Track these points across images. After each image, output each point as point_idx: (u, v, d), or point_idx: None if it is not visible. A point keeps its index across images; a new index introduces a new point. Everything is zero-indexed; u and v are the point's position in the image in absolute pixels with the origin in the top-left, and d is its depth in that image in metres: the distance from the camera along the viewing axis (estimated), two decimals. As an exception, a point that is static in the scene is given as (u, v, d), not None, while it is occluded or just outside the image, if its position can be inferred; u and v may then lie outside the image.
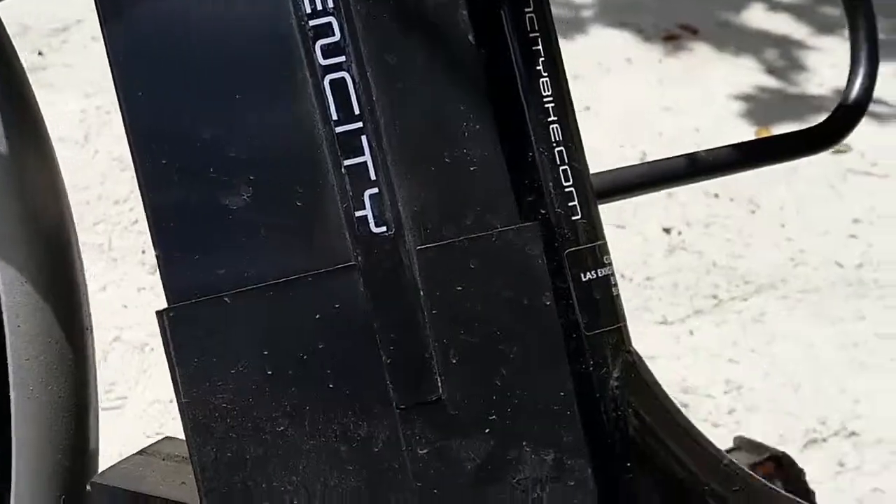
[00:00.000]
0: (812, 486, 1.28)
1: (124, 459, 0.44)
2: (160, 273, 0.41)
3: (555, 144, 0.47)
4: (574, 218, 0.47)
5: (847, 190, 1.98)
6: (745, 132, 2.11)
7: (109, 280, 1.59)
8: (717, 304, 1.63)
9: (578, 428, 0.42)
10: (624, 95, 2.15)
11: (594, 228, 0.48)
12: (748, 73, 2.32)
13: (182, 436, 0.46)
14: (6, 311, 0.43)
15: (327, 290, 0.41)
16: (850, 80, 0.61)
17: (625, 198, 0.56)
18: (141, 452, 0.46)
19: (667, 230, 1.79)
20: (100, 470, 0.45)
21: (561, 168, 0.47)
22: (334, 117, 0.41)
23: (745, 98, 2.23)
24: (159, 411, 1.36)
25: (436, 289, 0.41)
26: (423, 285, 0.41)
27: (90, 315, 0.46)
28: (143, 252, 1.65)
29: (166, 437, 0.51)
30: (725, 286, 1.67)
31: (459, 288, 0.42)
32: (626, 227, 1.70)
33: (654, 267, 1.70)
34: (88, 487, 0.40)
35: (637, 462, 0.45)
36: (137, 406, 1.37)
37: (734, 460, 0.48)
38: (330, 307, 0.41)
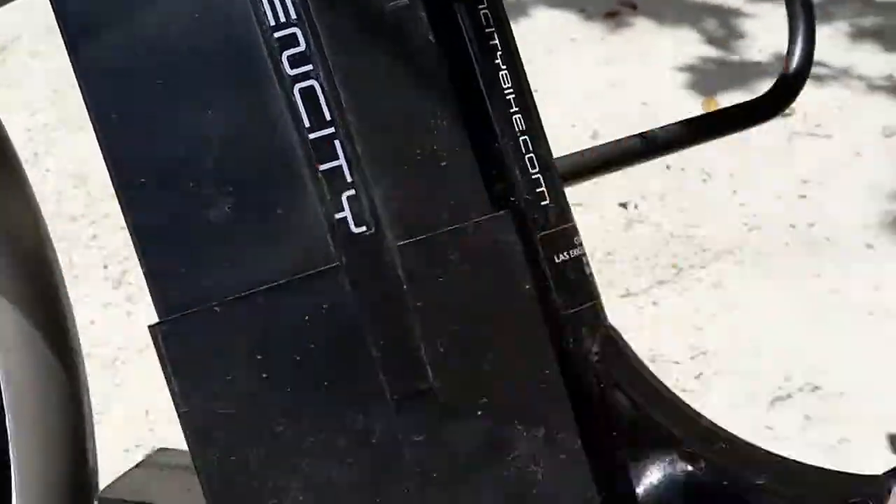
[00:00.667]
0: (782, 440, 1.33)
1: (124, 474, 0.45)
2: (149, 288, 0.42)
3: (519, 134, 0.49)
4: (543, 203, 0.48)
5: (794, 152, 2.03)
6: (692, 103, 2.15)
7: (74, 298, 1.57)
8: (677, 273, 1.67)
9: (566, 403, 0.44)
10: (571, 75, 2.18)
11: (563, 212, 0.49)
12: (690, 45, 2.36)
13: (173, 445, 0.47)
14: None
15: (314, 293, 0.42)
16: (790, 50, 0.63)
17: (588, 179, 0.58)
18: (139, 466, 0.47)
19: (623, 205, 1.82)
20: (101, 486, 0.46)
21: (527, 157, 0.49)
22: (306, 124, 0.42)
23: (689, 69, 2.27)
24: (135, 426, 1.36)
25: (419, 282, 0.43)
26: (407, 280, 0.43)
27: (78, 334, 0.46)
28: (105, 267, 1.65)
29: (160, 449, 0.52)
30: (684, 255, 1.71)
31: (441, 279, 0.43)
32: (583, 204, 1.73)
33: (614, 241, 1.73)
34: (96, 503, 0.41)
35: (623, 431, 0.47)
36: (113, 421, 1.36)
37: (712, 421, 0.50)
38: (318, 308, 0.42)
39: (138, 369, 1.46)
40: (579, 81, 2.15)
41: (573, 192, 0.52)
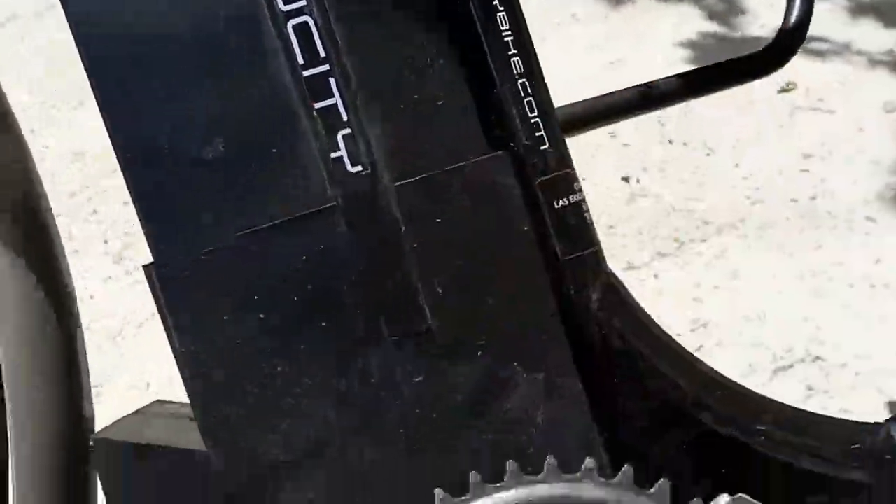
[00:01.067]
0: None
1: (120, 419, 0.45)
2: (143, 229, 0.41)
3: (517, 77, 0.48)
4: (542, 148, 0.48)
5: (796, 127, 2.02)
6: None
7: (75, 273, 1.57)
8: (679, 246, 1.66)
9: (566, 347, 0.43)
10: (572, 52, 2.17)
11: (562, 157, 0.49)
12: (691, 21, 2.35)
13: (170, 398, 0.46)
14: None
15: (310, 233, 0.42)
16: (789, 5, 0.62)
17: (585, 131, 0.57)
18: (136, 413, 0.47)
19: (625, 179, 1.81)
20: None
21: (525, 100, 0.48)
22: (300, 61, 0.42)
23: (690, 45, 2.26)
24: (137, 396, 1.36)
25: (416, 222, 0.42)
26: (403, 220, 0.42)
27: (71, 277, 0.46)
28: (106, 242, 1.64)
29: (157, 401, 0.51)
30: (686, 228, 1.71)
31: (438, 220, 0.43)
32: (585, 178, 1.73)
33: (616, 215, 1.72)
34: (91, 444, 0.41)
35: (625, 380, 0.47)
36: (115, 393, 1.36)
37: (714, 369, 0.50)
38: (315, 249, 0.42)
39: (140, 342, 1.46)
40: (580, 58, 2.14)
41: (575, 167, 0.52)
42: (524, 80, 0.48)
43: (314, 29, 0.42)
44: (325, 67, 0.42)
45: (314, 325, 0.42)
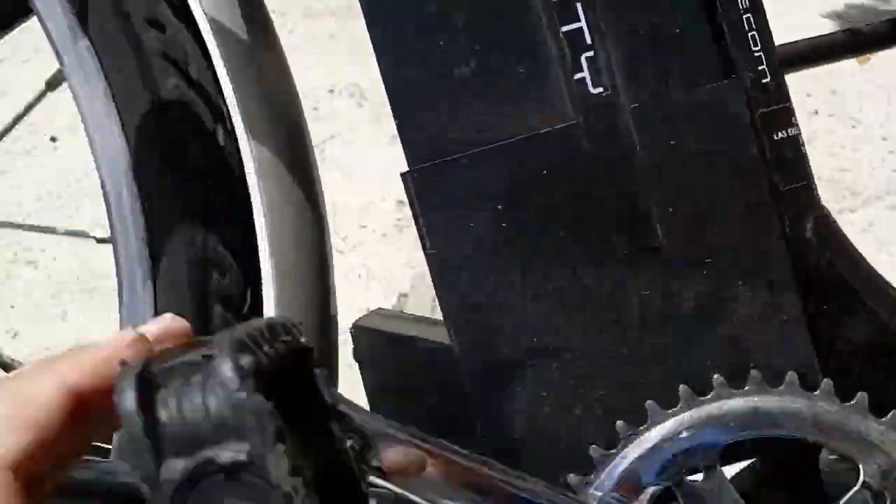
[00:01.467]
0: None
1: (362, 317, 0.49)
2: (401, 140, 0.45)
3: (742, 12, 0.50)
4: (764, 81, 0.49)
5: (949, 101, 1.94)
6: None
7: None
8: (823, 217, 1.63)
9: (788, 267, 0.45)
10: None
11: (782, 91, 0.50)
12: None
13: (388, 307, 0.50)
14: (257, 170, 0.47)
15: (553, 148, 0.45)
16: None
17: (800, 69, 0.58)
18: (370, 314, 0.51)
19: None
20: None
21: (749, 34, 0.50)
22: (550, -11, 0.45)
23: (836, 17, 2.19)
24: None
25: (651, 143, 0.45)
26: (640, 141, 0.45)
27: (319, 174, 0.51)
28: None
29: (378, 308, 0.56)
30: (833, 199, 1.67)
31: (673, 142, 0.45)
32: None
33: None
34: (352, 330, 0.45)
35: (837, 307, 0.49)
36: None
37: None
38: (556, 163, 0.45)
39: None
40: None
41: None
42: (748, 14, 0.50)
43: (566, -42, 0.45)
44: (574, -6, 0.45)
45: (552, 236, 0.45)
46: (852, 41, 0.59)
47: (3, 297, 1.34)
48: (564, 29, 0.45)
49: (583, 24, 0.45)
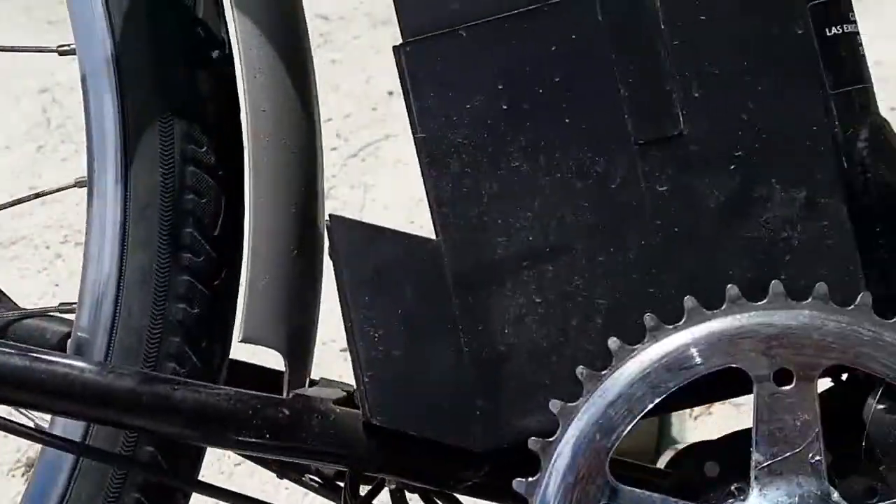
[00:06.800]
0: None
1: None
2: (396, 10, 0.41)
3: None
4: (817, -33, 0.44)
5: None
6: None
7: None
8: None
9: (833, 164, 0.39)
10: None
11: (838, -19, 0.44)
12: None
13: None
14: (245, 64, 0.44)
15: (564, 21, 0.40)
16: None
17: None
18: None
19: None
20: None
21: None
22: None
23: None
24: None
25: (678, 17, 0.39)
26: (665, 14, 0.39)
27: (315, 76, 0.47)
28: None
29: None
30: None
31: (703, 17, 0.39)
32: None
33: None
34: (327, 220, 0.41)
35: (885, 228, 0.42)
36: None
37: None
38: (567, 38, 0.40)
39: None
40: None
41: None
42: None
43: None
44: None
45: (558, 120, 0.40)
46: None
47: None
48: None
49: None
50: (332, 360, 1.07)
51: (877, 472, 0.39)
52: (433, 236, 0.41)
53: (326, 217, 0.42)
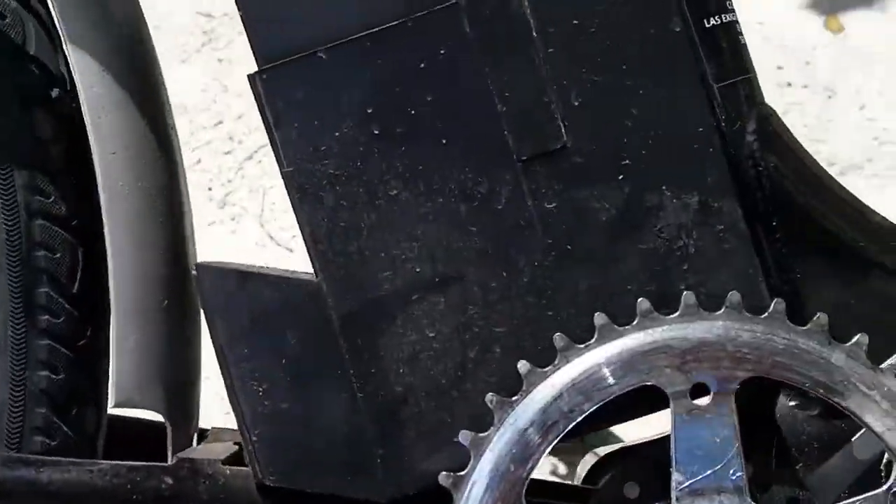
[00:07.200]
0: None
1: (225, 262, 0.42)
2: (247, 36, 0.38)
3: None
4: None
5: (927, 68, 1.88)
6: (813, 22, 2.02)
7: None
8: (801, 189, 1.56)
9: (724, 164, 0.38)
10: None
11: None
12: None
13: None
14: (87, 104, 0.40)
15: (430, 35, 0.37)
16: None
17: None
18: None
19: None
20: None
21: None
22: None
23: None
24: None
25: (550, 23, 0.37)
26: (536, 21, 0.37)
27: (172, 114, 0.43)
28: (210, 189, 1.64)
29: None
30: (809, 171, 1.60)
31: (576, 21, 0.37)
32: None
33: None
34: (194, 270, 0.37)
35: (782, 221, 0.41)
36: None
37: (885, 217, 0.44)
38: (435, 54, 0.37)
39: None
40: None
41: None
42: None
43: None
44: None
45: (435, 142, 0.37)
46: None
47: None
48: None
49: None
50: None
51: (794, 477, 0.38)
52: (313, 276, 0.38)
53: (193, 264, 0.38)
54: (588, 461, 0.59)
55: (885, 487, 0.36)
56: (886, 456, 0.39)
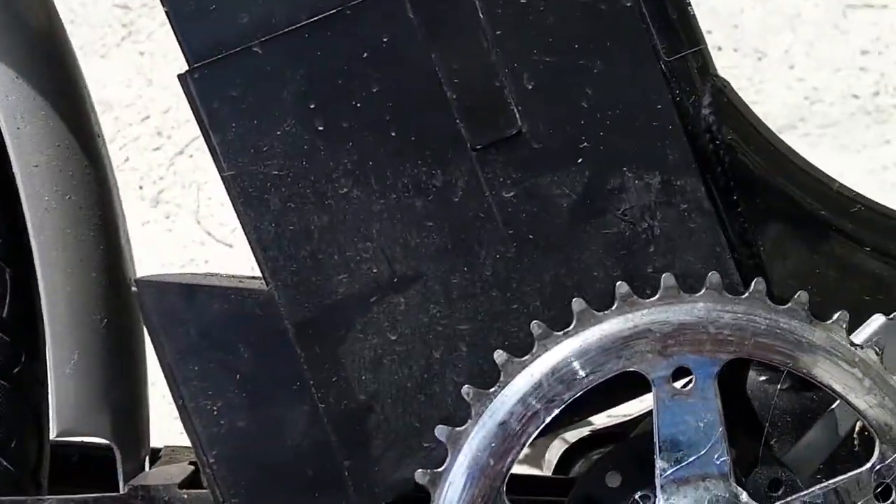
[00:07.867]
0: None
1: (167, 274, 0.39)
2: (174, 32, 0.35)
3: None
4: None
5: (850, 25, 1.91)
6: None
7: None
8: (737, 152, 1.57)
9: (683, 140, 0.36)
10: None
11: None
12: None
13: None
14: (3, 115, 0.37)
15: (371, 23, 0.35)
16: None
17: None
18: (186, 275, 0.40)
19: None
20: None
21: None
22: None
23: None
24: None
25: (497, 4, 0.35)
26: (482, 2, 0.35)
27: (99, 123, 0.40)
28: (141, 188, 1.59)
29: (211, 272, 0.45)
30: (743, 133, 1.62)
31: (524, 0, 0.36)
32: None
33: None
34: (133, 287, 0.35)
35: (742, 194, 0.40)
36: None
37: (844, 185, 0.43)
38: (377, 42, 0.35)
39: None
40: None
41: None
42: None
43: None
44: None
45: (383, 135, 0.35)
46: None
47: None
48: None
49: None
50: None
51: (773, 457, 0.37)
52: (263, 284, 0.36)
53: (132, 279, 0.36)
54: (556, 447, 0.58)
55: (868, 465, 0.35)
56: (859, 425, 0.38)
